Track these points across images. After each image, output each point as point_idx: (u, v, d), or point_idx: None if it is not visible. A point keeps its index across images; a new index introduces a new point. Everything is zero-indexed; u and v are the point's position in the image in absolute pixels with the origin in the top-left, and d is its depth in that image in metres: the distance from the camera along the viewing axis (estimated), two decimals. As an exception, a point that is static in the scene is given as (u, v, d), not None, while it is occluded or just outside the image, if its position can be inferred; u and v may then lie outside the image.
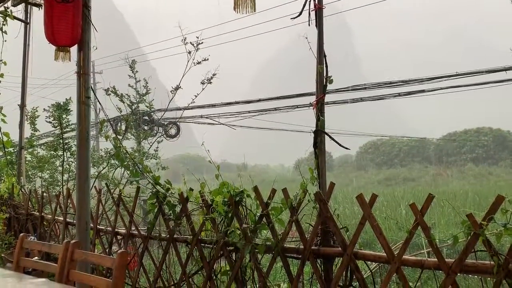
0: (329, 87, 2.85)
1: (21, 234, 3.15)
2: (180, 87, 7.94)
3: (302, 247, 2.71)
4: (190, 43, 6.75)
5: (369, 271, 2.90)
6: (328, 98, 2.86)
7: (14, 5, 5.17)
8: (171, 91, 8.08)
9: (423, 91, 13.23)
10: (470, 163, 47.79)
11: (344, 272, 2.55)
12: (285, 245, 2.81)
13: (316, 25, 2.82)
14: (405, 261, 2.33)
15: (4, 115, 5.32)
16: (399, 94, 13.65)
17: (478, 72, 11.70)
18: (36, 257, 4.01)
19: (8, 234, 5.30)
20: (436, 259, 2.22)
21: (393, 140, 56.86)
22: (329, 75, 2.80)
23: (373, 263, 3.05)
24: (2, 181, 5.97)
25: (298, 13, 2.88)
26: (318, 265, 2.68)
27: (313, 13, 2.82)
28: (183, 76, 6.84)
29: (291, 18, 2.95)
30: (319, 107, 2.78)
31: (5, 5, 4.99)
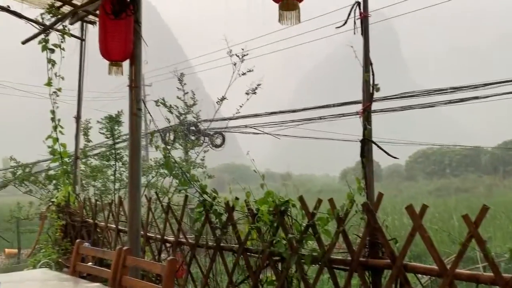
0: (376, 94, 2.81)
1: (77, 241, 3.32)
2: (225, 98, 8.07)
3: (350, 258, 2.66)
4: (236, 55, 6.87)
5: (420, 284, 2.80)
6: (375, 106, 2.81)
7: (71, 23, 5.49)
8: (217, 102, 8.24)
9: (476, 97, 12.67)
10: (529, 173, 45.04)
11: (393, 285, 2.47)
12: (331, 256, 2.78)
13: (362, 33, 2.80)
14: (459, 275, 2.23)
15: (62, 127, 5.61)
16: (451, 101, 13.14)
17: (536, 76, 11.05)
18: (90, 263, 4.18)
19: (65, 240, 5.56)
20: (492, 274, 2.11)
21: (444, 149, 54.74)
22: (376, 83, 2.76)
23: (424, 276, 2.94)
24: (59, 189, 6.28)
25: (343, 22, 2.86)
26: (366, 277, 2.63)
27: (358, 21, 2.80)
28: (228, 87, 6.97)
29: (336, 27, 2.95)
30: (366, 115, 2.74)
31: (63, 24, 5.31)
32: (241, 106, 8.29)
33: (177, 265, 3.73)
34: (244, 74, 7.13)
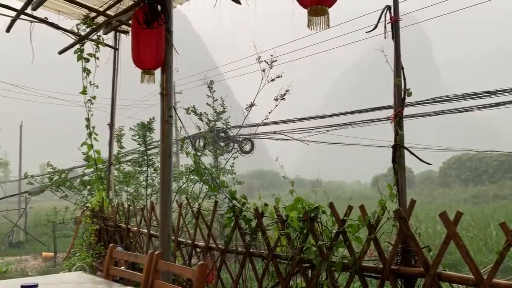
0: (408, 99, 2.76)
1: (111, 245, 3.39)
2: (254, 104, 8.11)
3: (381, 266, 2.61)
4: (265, 61, 6.90)
5: (455, 294, 2.71)
6: (407, 111, 2.76)
7: (105, 33, 5.67)
8: (245, 108, 8.29)
9: (513, 101, 12.22)
10: None
11: (427, 294, 2.41)
12: (363, 263, 2.73)
13: (392, 38, 2.76)
14: (496, 285, 2.15)
15: (96, 134, 5.77)
16: (486, 106, 12.72)
17: None
18: (123, 267, 4.27)
19: (99, 244, 5.70)
20: (533, 285, 2.02)
21: (480, 155, 52.93)
22: (407, 87, 2.72)
23: (460, 286, 2.85)
24: (93, 195, 6.45)
25: (374, 26, 2.84)
26: (398, 285, 2.57)
27: (389, 25, 2.77)
28: (257, 94, 6.99)
29: (366, 32, 2.92)
30: (398, 120, 2.70)
31: (98, 34, 5.48)
32: (269, 112, 8.31)
33: (207, 270, 3.76)
34: (273, 80, 7.14)
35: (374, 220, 2.66)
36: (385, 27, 2.75)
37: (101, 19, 5.37)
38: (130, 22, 4.39)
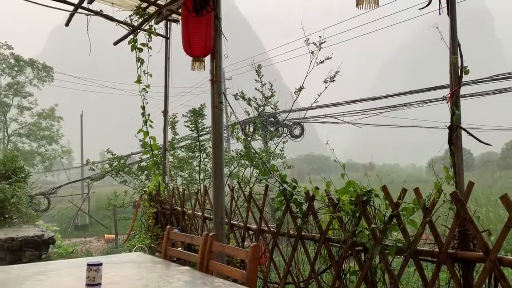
0: (466, 78, 2.64)
1: (168, 227, 3.54)
2: (303, 88, 8.05)
3: (437, 250, 2.55)
4: (313, 43, 6.81)
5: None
6: (464, 90, 2.65)
7: (156, 23, 5.83)
8: (294, 92, 8.25)
9: None
10: None
11: (486, 280, 2.33)
12: (418, 247, 2.68)
13: (448, 13, 2.64)
14: None
15: (151, 121, 5.98)
16: (554, 82, 11.82)
17: None
18: (179, 248, 4.44)
19: (156, 226, 5.95)
20: None
21: (548, 134, 49.37)
22: (464, 65, 2.60)
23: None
24: (150, 180, 6.72)
25: (428, 2, 2.72)
26: (456, 270, 2.50)
27: (444, 1, 2.64)
28: (306, 77, 6.93)
29: (420, 8, 2.81)
30: (454, 100, 2.59)
31: (150, 24, 5.64)
32: (319, 95, 8.23)
33: (260, 252, 3.84)
34: (322, 62, 7.06)
35: (429, 203, 2.59)
36: (439, 2, 2.63)
37: (152, 9, 5.51)
38: (180, 11, 4.48)
